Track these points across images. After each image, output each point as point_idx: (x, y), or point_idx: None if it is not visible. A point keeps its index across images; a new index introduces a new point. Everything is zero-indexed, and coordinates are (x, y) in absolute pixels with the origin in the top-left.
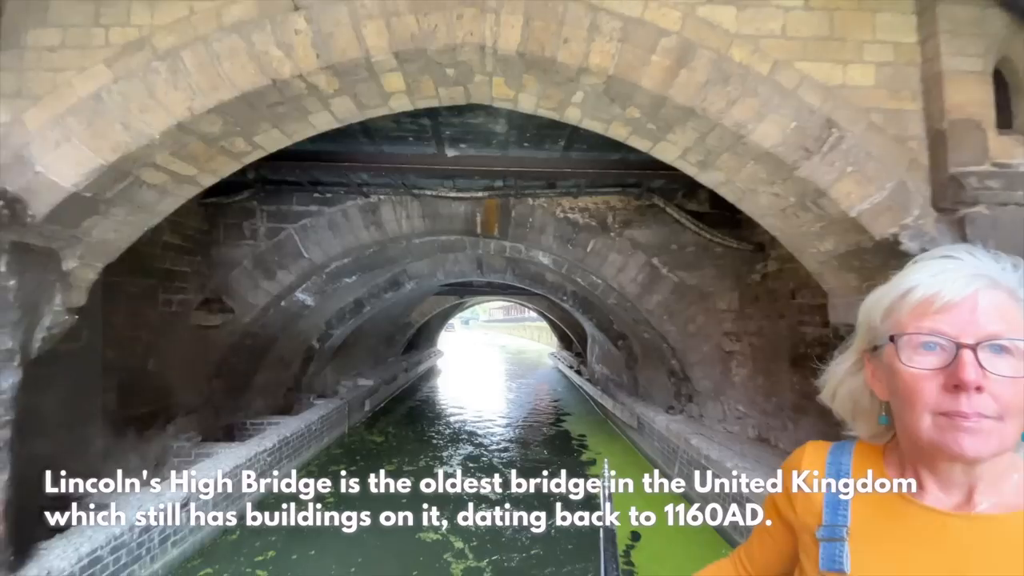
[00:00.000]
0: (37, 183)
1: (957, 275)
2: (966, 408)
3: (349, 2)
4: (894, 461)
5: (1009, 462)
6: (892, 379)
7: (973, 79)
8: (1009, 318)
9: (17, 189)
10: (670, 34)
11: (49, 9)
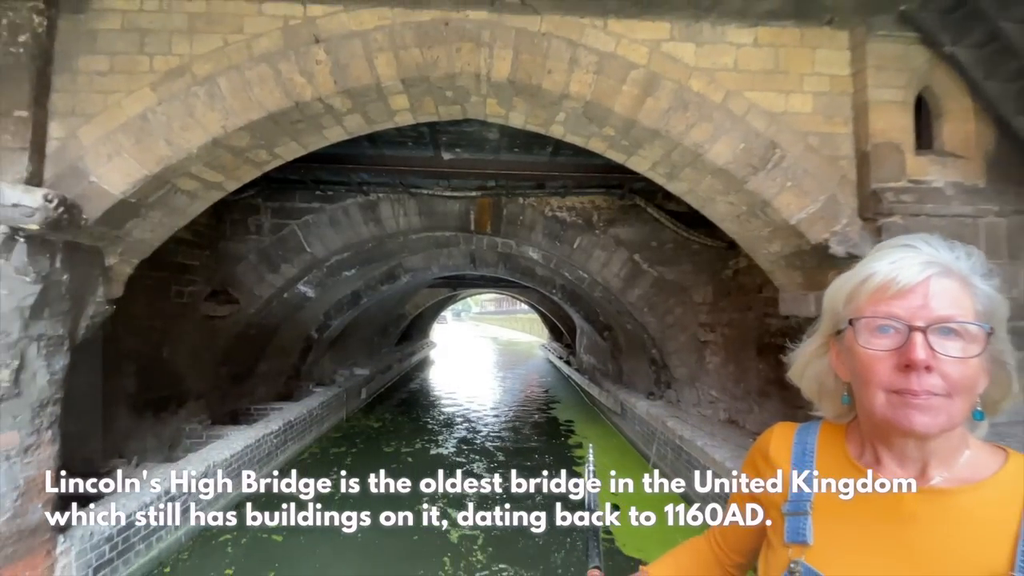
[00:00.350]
0: (91, 191)
1: (912, 263)
2: (916, 386)
3: (363, 37)
4: (855, 439)
5: (960, 439)
6: (851, 360)
7: (895, 108)
8: (960, 303)
9: (73, 196)
10: (638, 67)
11: (98, 38)
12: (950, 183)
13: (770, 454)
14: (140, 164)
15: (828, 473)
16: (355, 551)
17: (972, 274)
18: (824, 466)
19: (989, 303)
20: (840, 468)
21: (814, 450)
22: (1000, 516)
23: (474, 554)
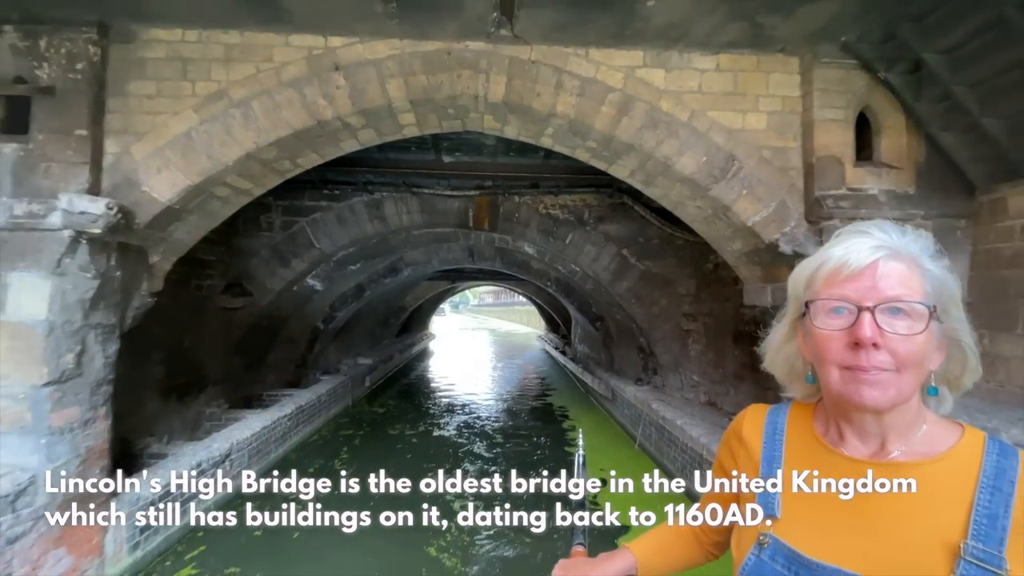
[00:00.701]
0: (142, 199)
1: (862, 248)
2: (865, 362)
3: (377, 65)
4: (821, 418)
5: (917, 414)
6: (811, 340)
7: (837, 125)
8: (908, 284)
9: (128, 204)
10: (615, 90)
11: (146, 66)
12: (883, 190)
13: (743, 434)
14: (185, 176)
15: (796, 450)
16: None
17: (922, 255)
18: (793, 444)
19: (938, 283)
20: (807, 446)
21: (784, 429)
22: (955, 488)
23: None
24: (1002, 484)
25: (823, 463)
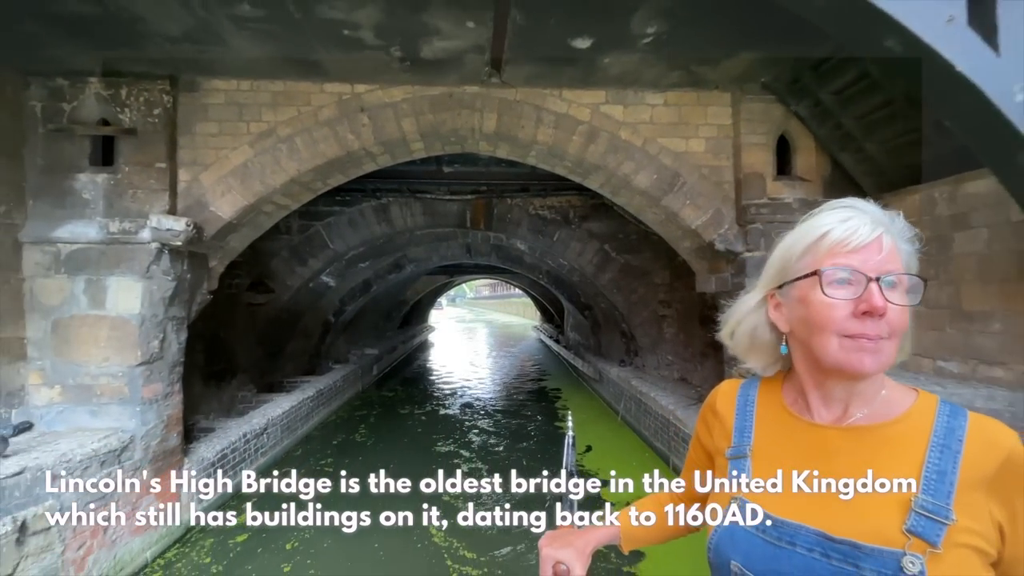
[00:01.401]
0: (209, 217)
1: (863, 222)
2: (872, 331)
3: (394, 106)
4: (789, 390)
5: (879, 380)
6: (804, 309)
7: (759, 148)
8: (898, 258)
9: (199, 221)
10: (584, 123)
11: (208, 110)
12: (797, 199)
13: (717, 408)
14: (242, 197)
15: (766, 420)
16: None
17: (903, 232)
18: (762, 415)
19: (909, 261)
20: (776, 415)
21: (754, 401)
22: (910, 447)
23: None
24: (951, 442)
25: (790, 430)
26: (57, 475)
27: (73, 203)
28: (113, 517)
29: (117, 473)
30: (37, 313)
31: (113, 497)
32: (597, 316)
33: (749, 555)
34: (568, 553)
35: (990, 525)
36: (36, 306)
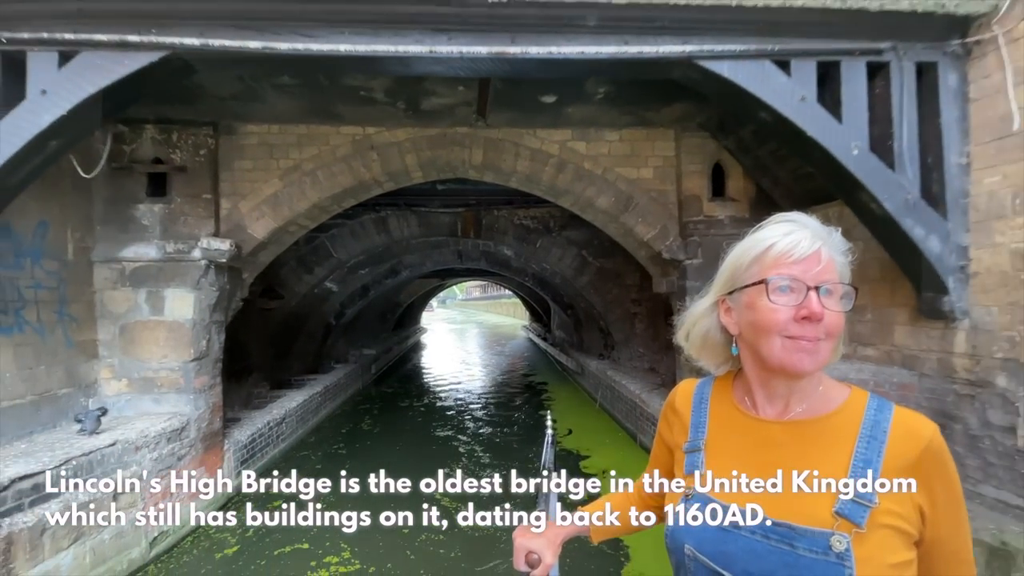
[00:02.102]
0: (246, 238)
1: (804, 235)
2: (810, 334)
3: (398, 144)
4: (738, 388)
5: (817, 378)
6: (752, 313)
7: (697, 175)
8: (834, 269)
9: (238, 241)
10: (554, 156)
11: (244, 150)
12: (728, 216)
13: (676, 406)
14: (273, 221)
15: (718, 416)
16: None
17: (837, 248)
18: (715, 411)
19: (843, 271)
20: (727, 412)
21: (708, 399)
22: (842, 438)
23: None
24: (877, 433)
25: (739, 425)
26: (139, 447)
27: (135, 228)
28: (174, 483)
29: (178, 448)
30: (107, 319)
31: (175, 466)
32: (579, 314)
33: (700, 539)
34: (539, 542)
35: (911, 508)
36: (106, 313)
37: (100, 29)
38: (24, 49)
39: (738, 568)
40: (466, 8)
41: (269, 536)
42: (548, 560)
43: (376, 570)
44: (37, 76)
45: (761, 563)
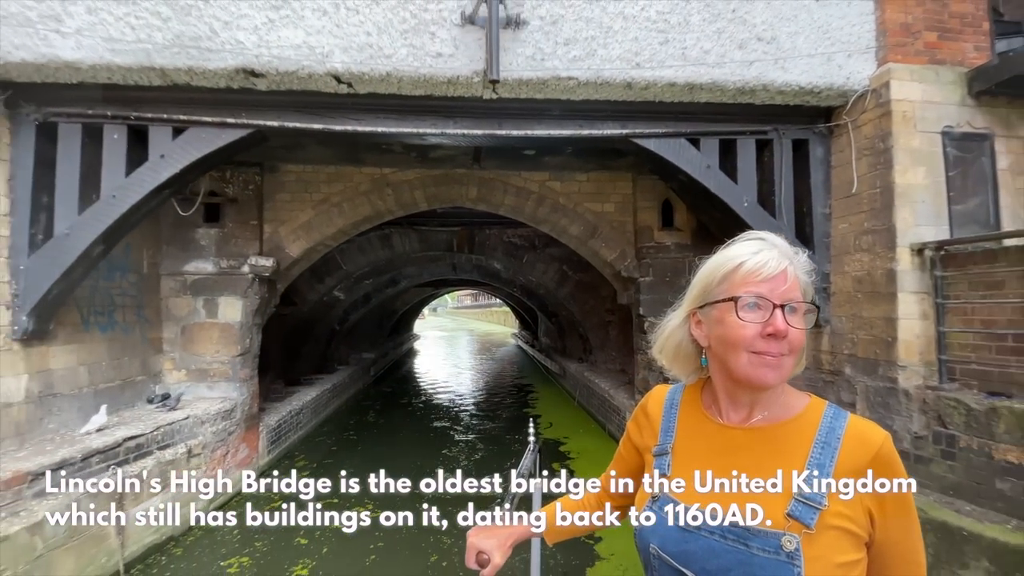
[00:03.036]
0: (284, 256)
1: (772, 255)
2: (775, 349)
3: (409, 183)
4: (706, 394)
5: (780, 387)
6: (721, 328)
7: (650, 209)
8: (799, 288)
9: (278, 259)
10: (534, 193)
11: (284, 185)
12: (674, 243)
13: (648, 409)
14: (306, 243)
15: (686, 422)
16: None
17: (801, 268)
18: (684, 417)
19: (807, 290)
20: (695, 417)
21: (678, 405)
22: (799, 443)
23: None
24: (831, 439)
25: (705, 431)
26: (203, 421)
27: (194, 248)
28: (228, 453)
29: (228, 425)
30: (171, 321)
31: (226, 440)
32: (561, 322)
33: (664, 538)
34: (490, 543)
35: (861, 511)
36: (170, 316)
37: (205, 113)
38: (147, 124)
39: (697, 566)
40: (467, 103)
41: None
42: (496, 560)
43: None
44: (156, 144)
45: (718, 561)
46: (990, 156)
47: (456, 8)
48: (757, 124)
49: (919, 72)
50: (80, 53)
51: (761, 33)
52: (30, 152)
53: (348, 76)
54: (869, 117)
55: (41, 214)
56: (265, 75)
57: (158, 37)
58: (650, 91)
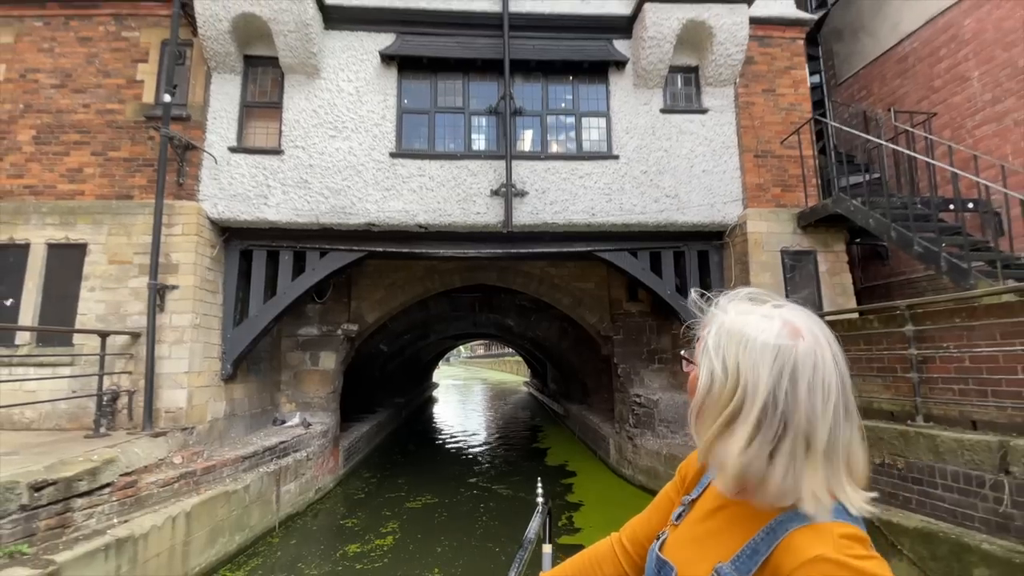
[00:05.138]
0: (364, 323)
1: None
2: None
3: (450, 270)
4: None
5: None
6: None
7: (620, 287)
8: (703, 344)
9: (360, 325)
10: (536, 275)
11: (365, 274)
12: (638, 311)
13: (683, 472)
14: (379, 313)
15: (711, 489)
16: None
17: (711, 330)
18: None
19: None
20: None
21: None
22: (756, 523)
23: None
24: (779, 529)
25: (711, 492)
26: (313, 437)
27: (305, 318)
28: (324, 461)
29: (324, 442)
30: (287, 368)
31: (322, 453)
32: (564, 370)
33: (650, 564)
34: None
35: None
36: (287, 365)
37: (340, 243)
38: (305, 250)
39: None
40: (493, 236)
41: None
42: None
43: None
44: (310, 262)
45: None
46: (814, 264)
47: (487, 187)
48: (673, 242)
49: (766, 214)
50: (277, 216)
51: (669, 192)
52: (235, 267)
53: (425, 225)
54: (738, 241)
55: (240, 304)
56: (379, 226)
57: (322, 207)
58: (603, 227)
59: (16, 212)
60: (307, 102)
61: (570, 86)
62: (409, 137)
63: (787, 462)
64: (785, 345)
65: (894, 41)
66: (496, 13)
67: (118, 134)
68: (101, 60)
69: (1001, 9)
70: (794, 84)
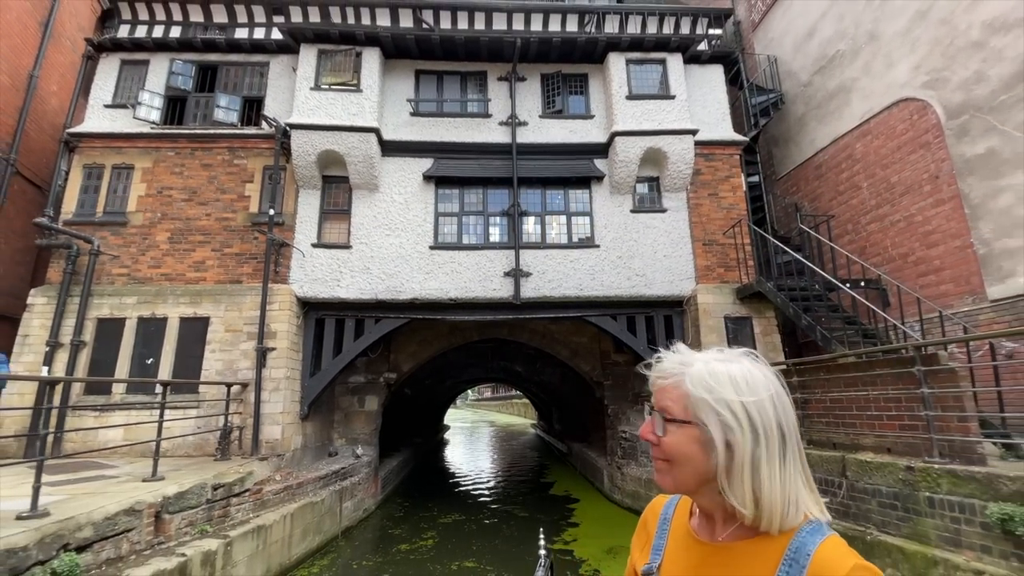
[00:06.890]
0: (400, 372)
1: (668, 366)
2: (655, 454)
3: (469, 327)
4: (695, 505)
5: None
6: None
7: (608, 340)
8: (684, 400)
9: (398, 373)
10: (539, 330)
11: (402, 334)
12: (624, 360)
13: (647, 525)
14: (412, 363)
15: (675, 537)
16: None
17: (697, 386)
18: (674, 532)
19: (699, 407)
20: (681, 533)
21: (670, 519)
22: (767, 559)
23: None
24: (799, 557)
25: (686, 547)
26: (361, 465)
27: (353, 369)
28: (367, 487)
29: (368, 470)
30: (339, 410)
31: (368, 479)
32: (567, 411)
33: None
34: None
35: None
36: (338, 407)
37: (390, 313)
38: (364, 318)
39: None
40: (505, 305)
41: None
42: None
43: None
44: (367, 327)
45: None
46: (751, 327)
47: (501, 270)
48: (644, 309)
49: (712, 288)
50: (347, 295)
51: (638, 272)
52: (311, 332)
53: (455, 298)
54: (691, 309)
55: (314, 360)
56: (420, 300)
57: (379, 287)
58: (589, 299)
59: (157, 294)
60: (369, 209)
61: (562, 193)
62: (443, 234)
63: (792, 469)
64: (767, 373)
65: (811, 153)
66: (507, 144)
67: (231, 235)
68: (219, 181)
69: (878, 140)
70: (732, 189)
